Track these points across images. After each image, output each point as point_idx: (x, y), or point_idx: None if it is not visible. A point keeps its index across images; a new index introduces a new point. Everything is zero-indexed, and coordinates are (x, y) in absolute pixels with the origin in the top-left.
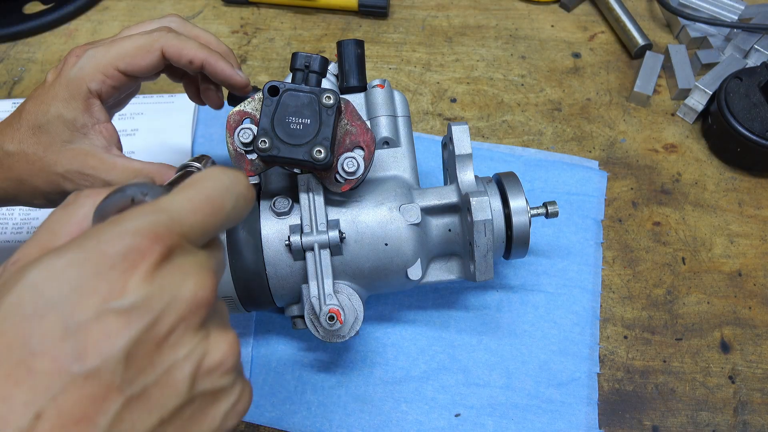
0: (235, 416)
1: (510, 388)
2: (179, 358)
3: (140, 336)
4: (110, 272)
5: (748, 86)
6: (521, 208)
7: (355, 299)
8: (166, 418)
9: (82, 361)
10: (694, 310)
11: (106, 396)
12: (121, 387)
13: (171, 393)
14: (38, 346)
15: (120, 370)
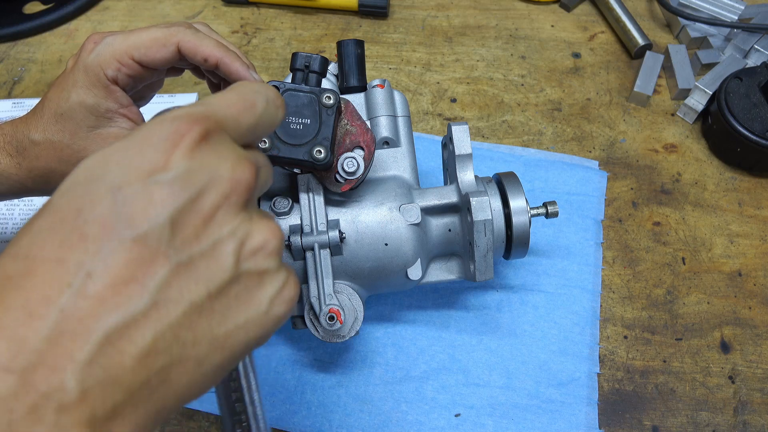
0: (282, 303)
1: (510, 388)
2: (223, 234)
3: (184, 206)
4: (153, 151)
5: (748, 86)
6: (521, 208)
7: (355, 299)
8: (213, 291)
9: (129, 226)
10: (694, 310)
11: (153, 260)
12: (167, 253)
13: (217, 267)
14: (89, 216)
15: (166, 237)
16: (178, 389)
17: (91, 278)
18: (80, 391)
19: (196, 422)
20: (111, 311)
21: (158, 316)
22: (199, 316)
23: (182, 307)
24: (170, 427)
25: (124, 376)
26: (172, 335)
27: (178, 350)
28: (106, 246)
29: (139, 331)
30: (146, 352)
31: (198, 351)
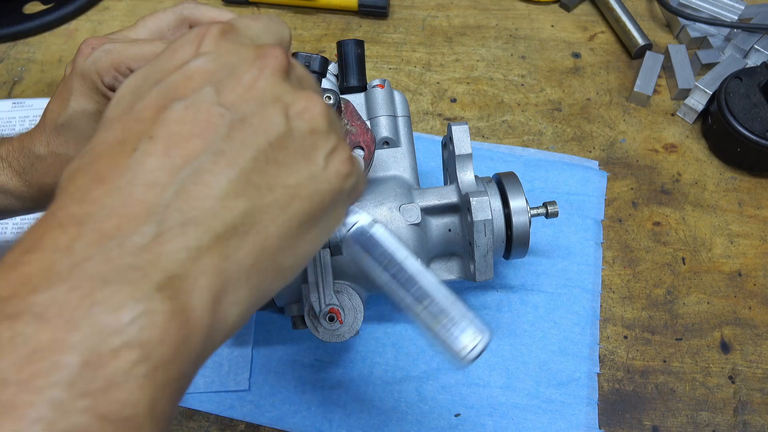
0: (338, 161)
1: (510, 388)
2: (267, 98)
3: (222, 75)
4: (182, 49)
5: (748, 86)
6: (521, 208)
7: (355, 299)
8: (273, 141)
9: (178, 99)
10: (694, 310)
11: (209, 118)
12: (221, 112)
13: (269, 123)
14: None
15: (214, 99)
16: (270, 238)
17: (153, 140)
18: (156, 233)
19: (196, 422)
20: (180, 163)
21: (227, 162)
22: (266, 164)
23: (248, 154)
24: (170, 427)
25: (205, 218)
26: (246, 179)
27: (255, 194)
28: (162, 117)
29: (212, 175)
30: (223, 194)
31: (276, 196)
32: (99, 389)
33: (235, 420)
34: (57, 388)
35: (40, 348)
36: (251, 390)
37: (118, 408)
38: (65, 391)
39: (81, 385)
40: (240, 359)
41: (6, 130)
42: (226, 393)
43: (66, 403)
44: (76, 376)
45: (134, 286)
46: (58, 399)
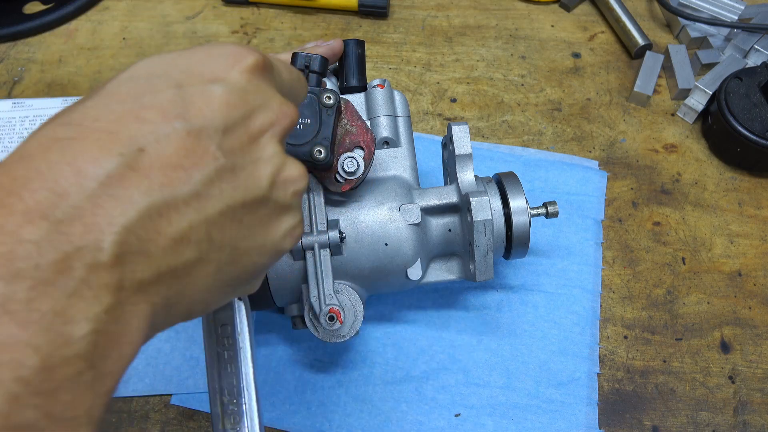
0: (291, 239)
1: (510, 388)
2: (264, 156)
3: (237, 117)
4: (215, 63)
5: (748, 86)
6: (521, 208)
7: (355, 299)
8: (247, 203)
9: (186, 120)
10: (694, 310)
11: (203, 155)
12: (216, 154)
13: (254, 182)
14: (148, 102)
15: (217, 139)
16: (195, 291)
17: (142, 153)
18: (114, 254)
19: (196, 422)
20: (156, 188)
21: (198, 207)
22: (230, 222)
23: (219, 207)
24: (170, 427)
25: (156, 254)
26: (205, 230)
27: (206, 248)
28: (161, 130)
29: (178, 214)
30: (180, 237)
31: (220, 256)
32: (49, 390)
33: None
34: (16, 384)
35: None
36: None
37: (62, 409)
38: (23, 388)
39: (36, 385)
40: None
41: (6, 130)
42: None
43: (21, 398)
44: (34, 376)
45: (88, 305)
46: (15, 394)
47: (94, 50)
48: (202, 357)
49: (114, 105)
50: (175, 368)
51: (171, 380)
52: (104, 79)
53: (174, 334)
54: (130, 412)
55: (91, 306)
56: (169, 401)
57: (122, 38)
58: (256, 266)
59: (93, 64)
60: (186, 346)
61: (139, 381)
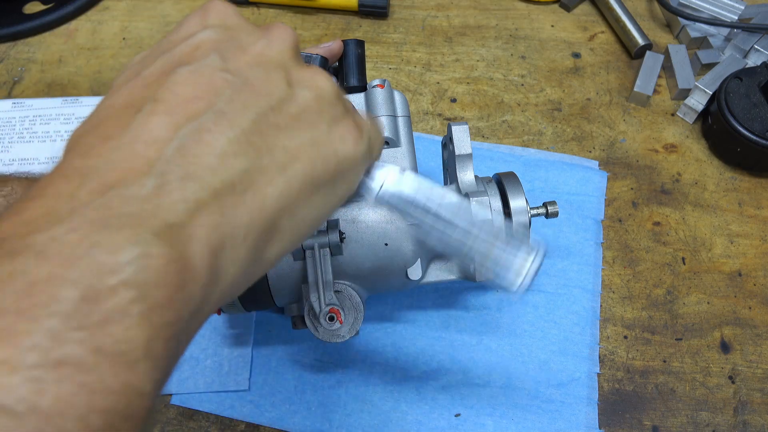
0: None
1: (510, 388)
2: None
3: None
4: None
5: (748, 86)
6: (521, 208)
7: (355, 299)
8: (274, 105)
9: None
10: (694, 310)
11: (212, 81)
12: (223, 77)
13: (272, 87)
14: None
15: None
16: (268, 198)
17: (157, 101)
18: (155, 186)
19: (196, 422)
20: (182, 121)
21: (228, 123)
22: (266, 126)
23: (249, 116)
24: (170, 427)
25: (203, 174)
26: (245, 140)
27: (254, 154)
28: (167, 80)
29: (211, 135)
30: (222, 153)
31: (275, 158)
32: (95, 323)
33: (235, 420)
34: (54, 318)
35: (38, 281)
36: (251, 390)
37: (112, 342)
38: (62, 323)
39: (77, 318)
40: (240, 359)
41: (6, 130)
42: (226, 393)
43: (62, 333)
44: (73, 309)
45: (133, 231)
46: (55, 329)
47: (94, 50)
48: (202, 357)
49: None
50: (175, 368)
51: (171, 380)
52: (104, 79)
53: None
54: None
55: (134, 232)
56: (169, 401)
57: (122, 38)
58: (322, 162)
59: (93, 64)
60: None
61: None
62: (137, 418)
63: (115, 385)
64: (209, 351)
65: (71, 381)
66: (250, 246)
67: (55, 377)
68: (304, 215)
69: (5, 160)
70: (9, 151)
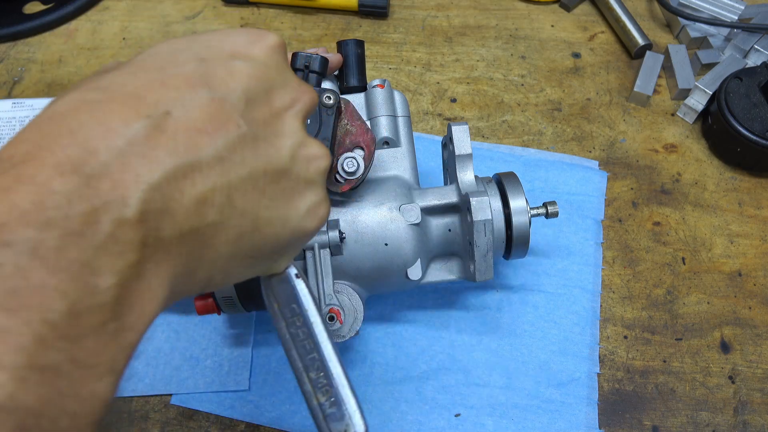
0: (314, 219)
1: (510, 388)
2: (285, 131)
3: (258, 90)
4: (236, 41)
5: (748, 86)
6: (521, 208)
7: (355, 299)
8: (269, 171)
9: (210, 88)
10: (694, 310)
11: (226, 122)
12: (238, 122)
13: (275, 153)
14: (172, 71)
15: (240, 108)
16: (217, 257)
17: (168, 117)
18: (140, 211)
19: (196, 422)
20: (182, 150)
21: (221, 171)
22: (252, 190)
23: (241, 172)
24: (170, 427)
25: (179, 214)
26: (228, 195)
27: (228, 212)
28: (186, 95)
29: (202, 177)
30: (203, 199)
31: (242, 223)
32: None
33: (235, 420)
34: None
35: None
36: (251, 390)
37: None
38: (50, 331)
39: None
40: (240, 359)
41: (6, 130)
42: (226, 393)
43: (48, 341)
44: (60, 320)
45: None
46: (42, 336)
47: (94, 50)
48: (202, 357)
49: (140, 74)
50: (175, 368)
51: (171, 380)
52: None
53: (174, 334)
54: (130, 412)
55: (116, 260)
56: (169, 401)
57: (122, 38)
58: (278, 239)
59: (93, 64)
60: (186, 346)
61: (139, 381)
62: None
63: (83, 393)
64: (209, 351)
65: (51, 385)
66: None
67: (38, 380)
68: (231, 278)
69: None
70: None
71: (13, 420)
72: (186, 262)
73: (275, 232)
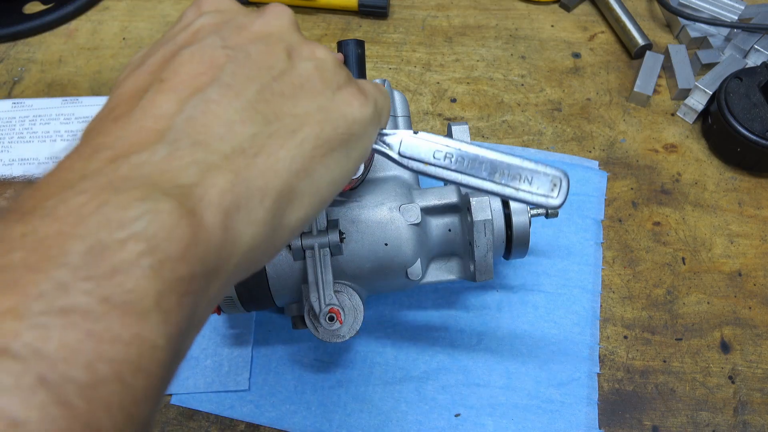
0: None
1: (510, 388)
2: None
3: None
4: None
5: (748, 86)
6: (521, 208)
7: (355, 299)
8: (276, 75)
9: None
10: (694, 310)
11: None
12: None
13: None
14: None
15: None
16: (281, 161)
17: (162, 81)
18: (166, 152)
19: (196, 422)
20: (187, 96)
21: (233, 94)
22: (271, 95)
23: (253, 87)
24: (170, 427)
25: (212, 141)
26: (252, 108)
27: (262, 121)
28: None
29: (219, 106)
30: (230, 121)
31: (284, 123)
32: (103, 274)
33: (235, 420)
34: (61, 269)
35: (47, 237)
36: (251, 390)
37: (121, 292)
38: (69, 273)
39: (85, 269)
40: (240, 359)
41: (6, 130)
42: (226, 393)
43: (69, 283)
44: (81, 261)
45: (142, 191)
46: (62, 279)
47: (94, 50)
48: (202, 357)
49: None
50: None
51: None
52: (104, 79)
53: None
54: None
55: (144, 192)
56: (169, 401)
57: (122, 38)
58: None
59: (93, 64)
60: None
61: None
62: (150, 373)
63: (124, 335)
64: (209, 351)
65: (77, 329)
66: (267, 208)
67: (61, 324)
68: (321, 178)
69: (5, 160)
70: (9, 151)
71: (32, 370)
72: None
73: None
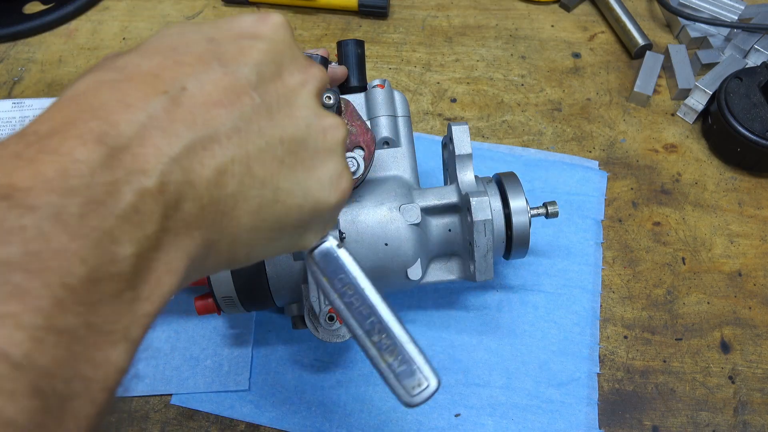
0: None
1: (510, 388)
2: (300, 103)
3: (270, 66)
4: (243, 23)
5: (748, 86)
6: (521, 208)
7: None
8: (285, 140)
9: (222, 63)
10: (694, 310)
11: (240, 94)
12: (252, 95)
13: (291, 123)
14: (185, 50)
15: (253, 80)
16: (238, 230)
17: (185, 92)
18: (160, 183)
19: (196, 422)
20: (200, 123)
21: (239, 142)
22: (271, 160)
23: (259, 142)
24: (170, 427)
25: (200, 186)
26: (246, 164)
27: (248, 182)
28: (200, 71)
29: (221, 148)
30: (223, 169)
31: (263, 193)
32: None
33: (235, 420)
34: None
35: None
36: (251, 390)
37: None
38: (68, 295)
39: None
40: (240, 359)
41: (6, 130)
42: (226, 393)
43: (66, 304)
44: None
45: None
46: (61, 299)
47: (94, 50)
48: (202, 357)
49: (153, 55)
50: (175, 368)
51: (171, 380)
52: None
53: (174, 334)
54: (130, 412)
55: (136, 229)
56: (169, 401)
57: (122, 38)
58: (301, 211)
59: (93, 64)
60: (186, 346)
61: (139, 381)
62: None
63: (98, 358)
64: (209, 351)
65: (66, 348)
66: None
67: (54, 342)
68: (258, 252)
69: None
70: None
71: (28, 378)
72: (207, 235)
73: (297, 203)
